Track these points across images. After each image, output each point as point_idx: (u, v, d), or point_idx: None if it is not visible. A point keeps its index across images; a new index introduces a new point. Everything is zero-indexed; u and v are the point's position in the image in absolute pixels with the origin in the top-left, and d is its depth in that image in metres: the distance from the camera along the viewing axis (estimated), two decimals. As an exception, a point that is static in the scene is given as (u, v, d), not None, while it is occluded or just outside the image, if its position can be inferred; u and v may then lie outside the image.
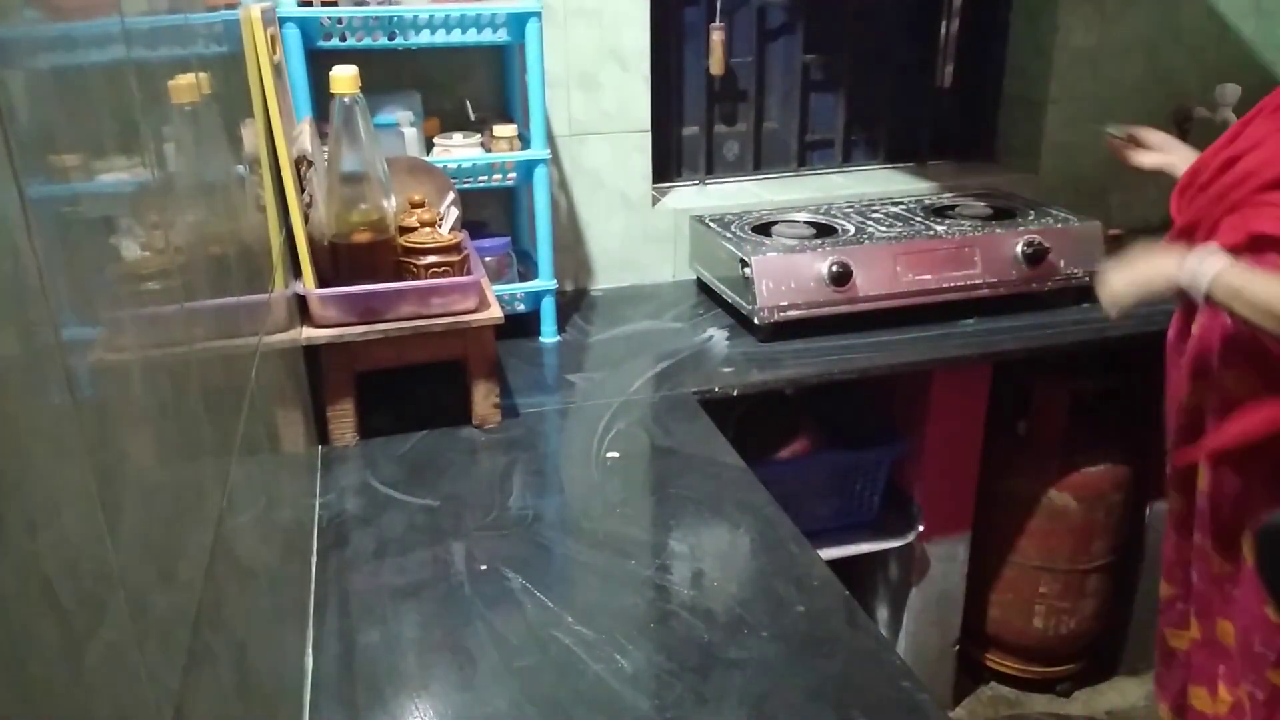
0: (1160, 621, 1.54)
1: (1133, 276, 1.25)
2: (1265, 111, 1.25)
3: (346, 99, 1.28)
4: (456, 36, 1.56)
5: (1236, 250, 1.18)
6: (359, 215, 1.33)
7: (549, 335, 1.75)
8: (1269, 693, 1.34)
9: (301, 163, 1.33)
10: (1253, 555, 1.30)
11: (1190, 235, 1.29)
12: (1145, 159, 1.48)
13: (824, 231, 1.86)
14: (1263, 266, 1.16)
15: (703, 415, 1.46)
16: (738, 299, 1.76)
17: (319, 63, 1.47)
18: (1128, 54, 2.23)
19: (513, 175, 1.67)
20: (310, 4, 1.50)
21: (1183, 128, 2.30)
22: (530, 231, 1.79)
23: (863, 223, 1.89)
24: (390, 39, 1.53)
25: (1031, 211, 1.94)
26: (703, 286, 1.98)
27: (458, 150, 1.67)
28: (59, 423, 0.37)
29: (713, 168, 2.23)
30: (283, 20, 1.45)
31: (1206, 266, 1.17)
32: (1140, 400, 2.00)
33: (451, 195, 1.54)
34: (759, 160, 2.27)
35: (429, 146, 1.70)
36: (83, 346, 0.41)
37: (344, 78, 1.28)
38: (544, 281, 1.71)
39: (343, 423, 1.37)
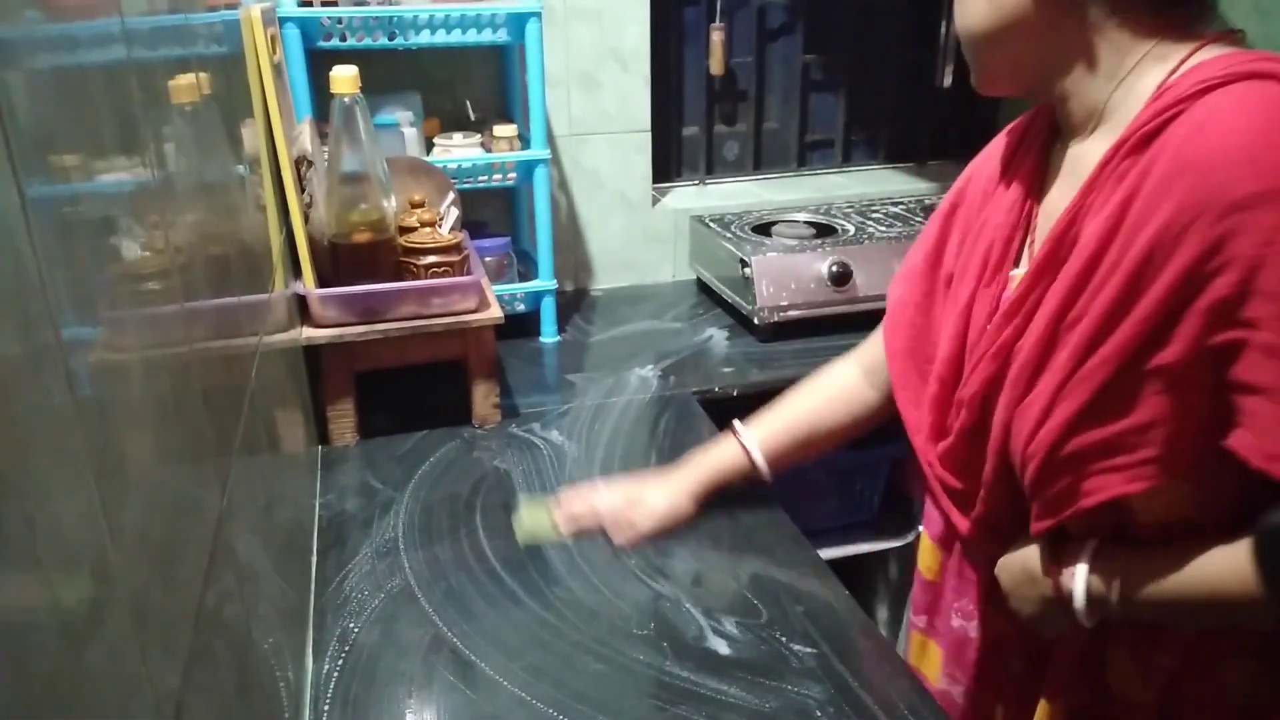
0: None
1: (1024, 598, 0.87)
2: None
3: (346, 99, 1.28)
4: (456, 36, 1.56)
5: (1074, 522, 0.80)
6: (359, 215, 1.33)
7: (549, 335, 1.75)
8: None
9: (301, 163, 1.33)
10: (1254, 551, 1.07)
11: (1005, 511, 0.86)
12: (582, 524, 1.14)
13: (824, 231, 1.86)
14: (1104, 525, 0.80)
15: (703, 415, 1.46)
16: (738, 299, 1.76)
17: (319, 63, 1.47)
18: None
19: (513, 175, 1.67)
20: (310, 4, 1.51)
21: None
22: (530, 231, 1.79)
23: (863, 223, 1.89)
24: (390, 39, 1.53)
25: (1031, 211, 1.94)
26: (703, 286, 1.98)
27: (458, 150, 1.67)
28: (59, 422, 0.37)
29: (713, 168, 2.23)
30: (283, 20, 1.45)
31: (1089, 581, 0.79)
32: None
33: (451, 195, 1.55)
34: (759, 160, 2.27)
35: (429, 146, 1.70)
36: (83, 346, 0.41)
37: (344, 78, 1.28)
38: (544, 281, 1.71)
39: (343, 423, 1.37)
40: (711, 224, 1.92)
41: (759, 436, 1.11)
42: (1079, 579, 0.80)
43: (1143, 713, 0.84)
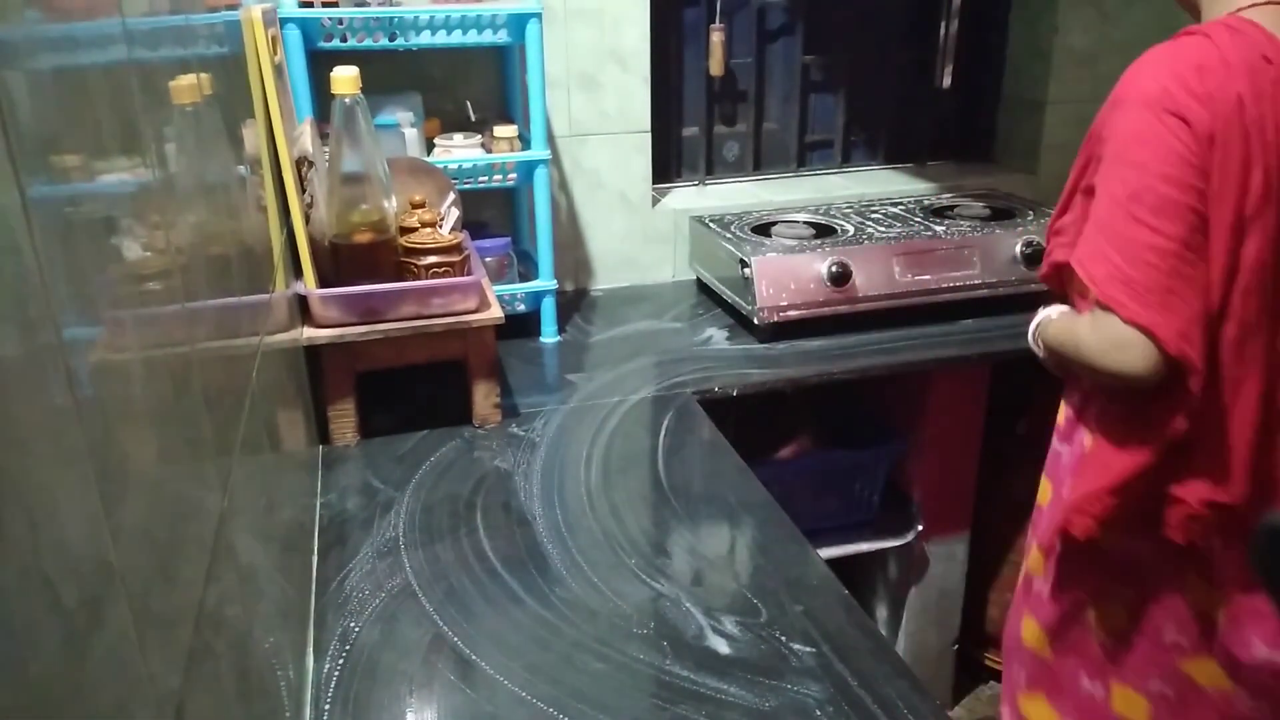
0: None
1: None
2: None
3: (347, 100, 1.28)
4: (457, 37, 1.56)
5: (1048, 280, 1.24)
6: (360, 215, 1.33)
7: (549, 335, 1.75)
8: (1179, 688, 1.16)
9: (302, 163, 1.33)
10: (1251, 554, 1.30)
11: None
12: None
13: (823, 232, 1.86)
14: (1073, 296, 1.20)
15: (703, 415, 1.46)
16: (738, 299, 1.76)
17: (320, 63, 1.47)
18: (1126, 55, 2.20)
19: (513, 176, 1.67)
20: (311, 5, 1.51)
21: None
22: (530, 232, 1.79)
23: (862, 223, 1.89)
24: (391, 40, 1.53)
25: (1030, 212, 1.94)
26: (703, 287, 1.98)
27: (458, 151, 1.67)
28: (60, 422, 0.37)
29: (713, 168, 2.24)
30: (284, 21, 1.45)
31: (1036, 325, 1.23)
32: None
33: (452, 196, 1.55)
34: (759, 161, 2.27)
35: (429, 147, 1.70)
36: (84, 346, 0.41)
37: (345, 78, 1.28)
38: (544, 282, 1.71)
39: (343, 422, 1.37)
40: (711, 224, 1.92)
41: None
42: (1035, 321, 1.25)
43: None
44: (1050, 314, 1.21)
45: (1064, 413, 1.26)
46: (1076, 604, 1.22)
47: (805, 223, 1.92)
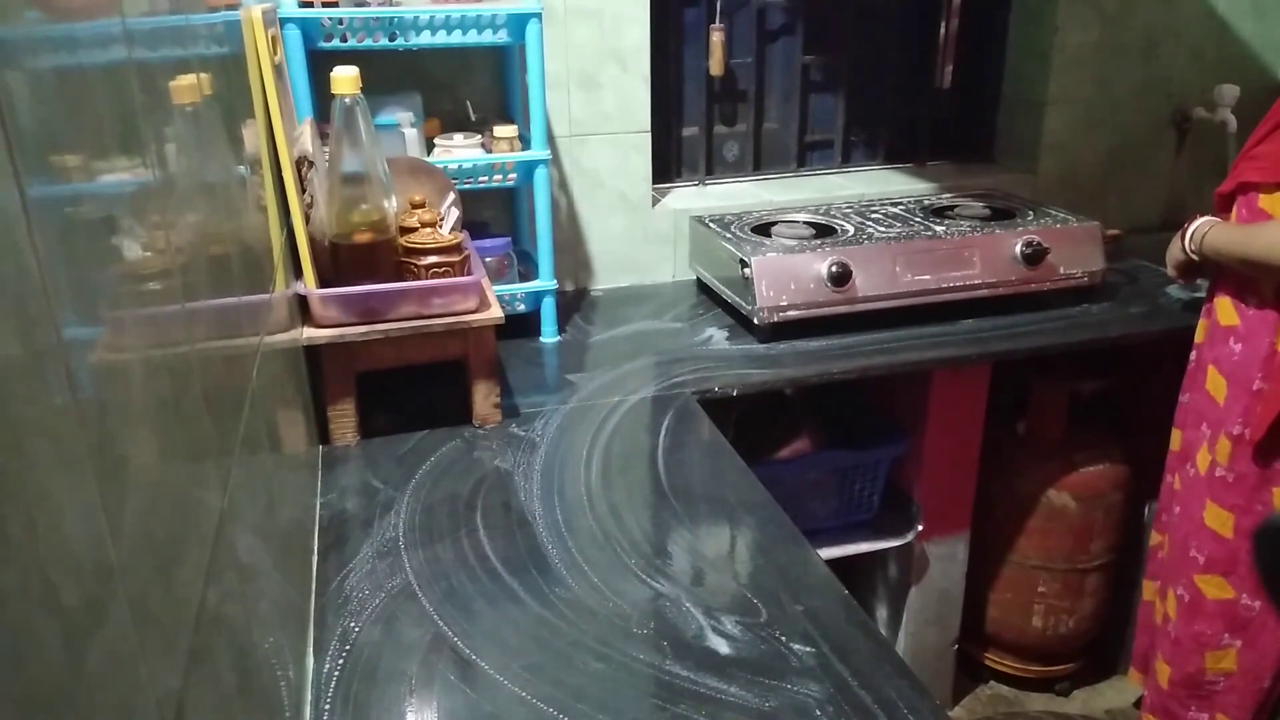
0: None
1: (1171, 246, 1.58)
2: None
3: (347, 100, 1.28)
4: (457, 37, 1.56)
5: (1229, 195, 1.47)
6: (360, 215, 1.33)
7: (549, 335, 1.75)
8: (1193, 595, 1.54)
9: (302, 163, 1.33)
10: (1252, 554, 1.41)
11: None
12: None
13: (823, 232, 1.86)
14: (1247, 207, 1.44)
15: (703, 415, 1.46)
16: (737, 299, 1.76)
17: (320, 63, 1.47)
18: (1126, 54, 2.23)
19: (513, 176, 1.67)
20: (311, 5, 1.51)
21: (1181, 128, 2.30)
22: (530, 232, 1.79)
23: (862, 223, 1.89)
24: (391, 40, 1.53)
25: (1030, 212, 1.94)
26: (703, 287, 1.98)
27: (458, 151, 1.67)
28: (60, 423, 0.37)
29: (712, 168, 2.23)
30: (284, 21, 1.45)
31: (1195, 230, 1.50)
32: (1139, 400, 1.99)
33: (452, 196, 1.55)
34: (759, 161, 2.27)
35: (429, 147, 1.70)
36: (84, 346, 0.41)
37: (345, 78, 1.28)
38: (544, 282, 1.71)
39: (343, 422, 1.37)
40: (711, 224, 1.92)
41: None
42: (1191, 228, 1.51)
43: None
44: (1207, 222, 1.47)
45: (1234, 311, 1.46)
46: (1260, 487, 1.45)
47: (805, 223, 1.92)
